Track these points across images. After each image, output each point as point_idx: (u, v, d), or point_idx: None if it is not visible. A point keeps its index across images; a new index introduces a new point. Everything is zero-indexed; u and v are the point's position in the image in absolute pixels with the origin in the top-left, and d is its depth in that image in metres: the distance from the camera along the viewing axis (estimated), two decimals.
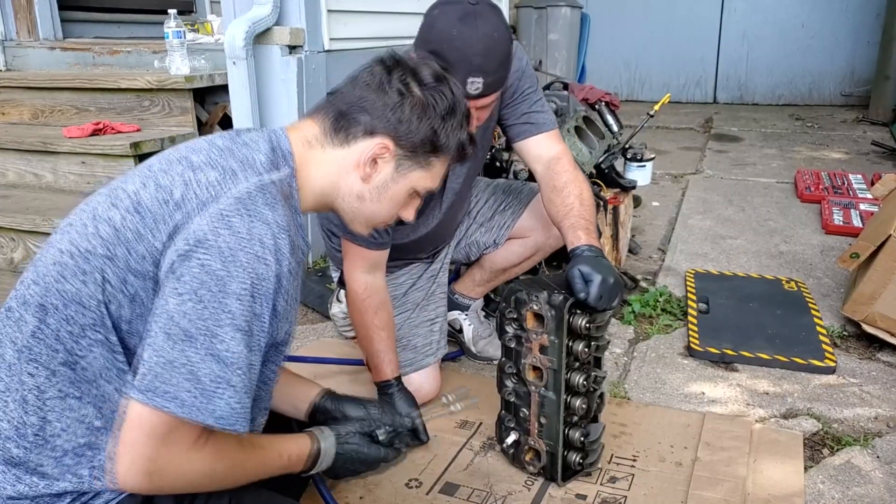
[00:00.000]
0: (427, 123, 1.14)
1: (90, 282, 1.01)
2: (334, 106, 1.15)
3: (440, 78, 1.17)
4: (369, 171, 1.15)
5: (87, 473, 1.04)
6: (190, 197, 0.99)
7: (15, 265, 2.34)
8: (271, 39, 2.42)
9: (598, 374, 1.61)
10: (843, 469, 1.71)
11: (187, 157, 1.06)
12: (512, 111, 1.86)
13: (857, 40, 6.28)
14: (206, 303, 0.93)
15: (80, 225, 1.06)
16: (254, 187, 1.01)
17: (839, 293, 2.62)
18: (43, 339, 1.02)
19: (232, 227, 0.95)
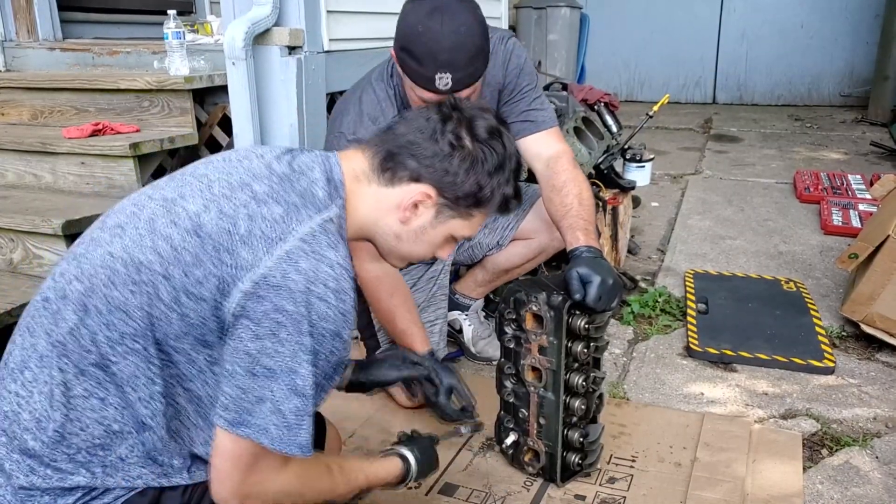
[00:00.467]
0: (473, 178, 1.15)
1: (140, 293, 1.01)
2: (385, 144, 1.16)
3: (494, 132, 1.17)
4: (408, 215, 1.16)
5: (99, 471, 1.06)
6: (256, 234, 1.00)
7: (14, 266, 2.34)
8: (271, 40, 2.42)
9: (597, 374, 1.61)
10: (842, 469, 1.71)
11: (249, 185, 1.06)
12: (511, 108, 1.84)
13: (856, 40, 6.29)
14: (285, 342, 0.98)
15: (135, 233, 1.05)
16: (317, 227, 1.04)
17: (838, 293, 2.62)
18: (79, 339, 1.03)
19: (300, 269, 0.99)
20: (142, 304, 1.01)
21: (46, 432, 1.04)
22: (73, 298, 1.04)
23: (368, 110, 1.72)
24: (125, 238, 1.05)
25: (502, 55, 1.80)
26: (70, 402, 1.04)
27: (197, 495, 1.10)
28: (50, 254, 2.27)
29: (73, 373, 1.04)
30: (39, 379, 1.05)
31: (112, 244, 1.05)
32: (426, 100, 1.58)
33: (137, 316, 1.01)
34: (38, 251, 2.29)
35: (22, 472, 1.04)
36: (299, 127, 2.48)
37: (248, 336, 0.99)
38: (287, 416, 1.01)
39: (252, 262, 0.99)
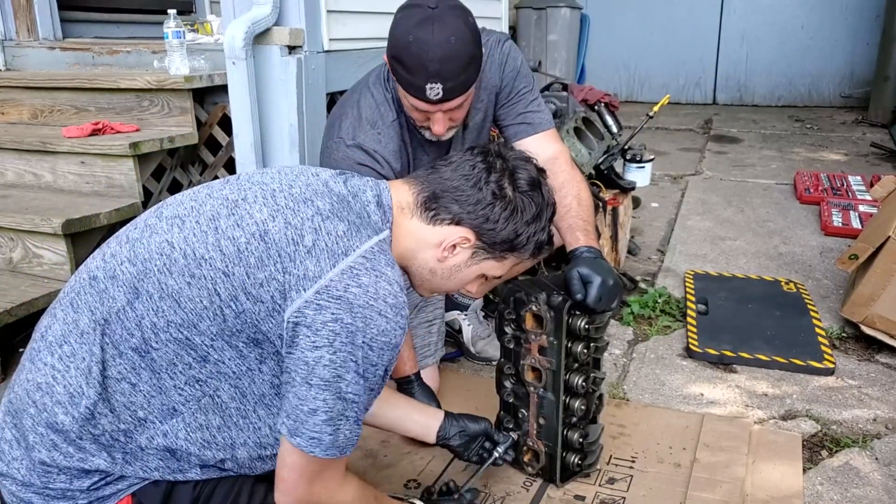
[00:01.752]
0: (512, 226, 1.20)
1: (196, 286, 1.05)
2: (431, 185, 1.21)
3: (534, 183, 1.23)
4: (446, 255, 1.21)
5: (119, 457, 1.08)
6: (321, 247, 1.06)
7: (14, 265, 2.33)
8: (271, 40, 2.41)
9: (596, 375, 1.61)
10: (842, 470, 1.71)
11: (313, 201, 1.11)
12: (508, 111, 1.84)
13: (856, 41, 6.29)
14: (339, 352, 1.04)
15: (196, 227, 1.09)
16: (376, 245, 1.10)
17: (838, 294, 2.62)
18: (124, 321, 1.06)
19: (361, 284, 1.05)
20: (195, 296, 1.05)
21: (78, 408, 1.06)
22: (123, 280, 1.08)
23: (367, 115, 1.71)
24: (185, 230, 1.09)
25: (499, 58, 1.80)
26: (105, 381, 1.07)
27: (208, 490, 1.14)
28: (50, 253, 2.27)
29: (111, 353, 1.07)
30: (78, 354, 1.07)
31: (171, 233, 1.09)
32: (418, 108, 1.59)
33: (188, 307, 1.05)
34: (37, 250, 2.29)
35: (45, 447, 1.07)
36: (299, 127, 2.48)
37: (307, 345, 1.04)
38: (336, 418, 1.06)
39: (317, 274, 1.04)
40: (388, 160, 1.69)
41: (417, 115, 1.64)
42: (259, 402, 1.11)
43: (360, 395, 1.07)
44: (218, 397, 1.10)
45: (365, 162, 1.67)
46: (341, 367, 1.04)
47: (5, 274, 2.34)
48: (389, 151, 1.69)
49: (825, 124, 5.78)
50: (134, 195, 2.44)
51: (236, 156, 2.51)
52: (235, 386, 1.10)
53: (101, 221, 2.30)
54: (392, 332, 1.06)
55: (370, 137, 1.69)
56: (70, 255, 2.24)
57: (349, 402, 1.06)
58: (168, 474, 1.11)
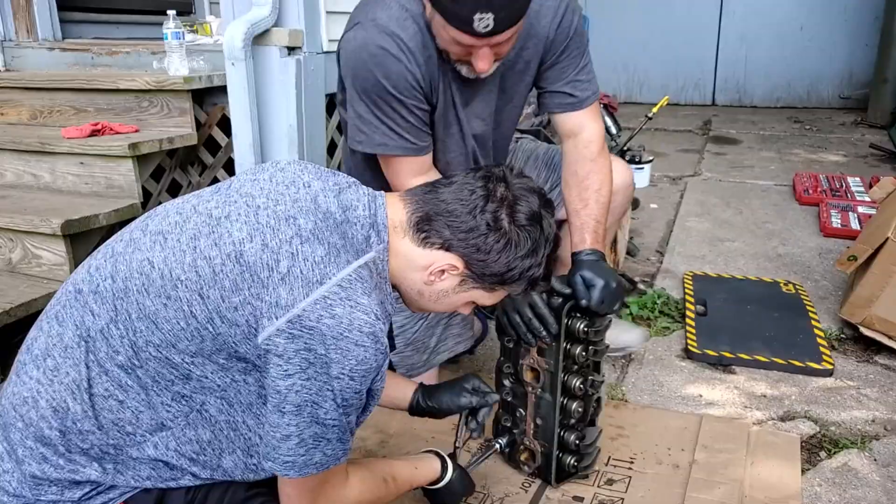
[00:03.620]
0: (504, 259, 1.15)
1: (172, 308, 1.03)
2: (426, 205, 1.16)
3: (534, 217, 1.16)
4: (433, 279, 1.17)
5: (110, 467, 1.08)
6: (296, 274, 1.01)
7: (13, 265, 2.33)
8: (270, 41, 2.42)
9: (595, 378, 1.61)
10: (840, 472, 1.71)
11: (295, 219, 1.06)
12: (554, 74, 1.67)
13: (855, 43, 6.29)
14: (312, 381, 1.01)
15: (177, 246, 1.06)
16: (353, 273, 1.05)
17: (837, 296, 2.62)
18: (108, 339, 1.05)
19: (335, 315, 1.01)
20: (172, 318, 1.03)
21: (64, 423, 1.06)
22: (105, 297, 1.06)
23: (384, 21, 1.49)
24: (166, 249, 1.06)
25: (554, 8, 1.61)
26: (91, 398, 1.05)
27: (200, 496, 1.13)
28: (49, 253, 2.27)
29: (97, 371, 1.05)
30: (62, 369, 1.06)
31: (152, 251, 1.06)
32: (460, 42, 1.39)
33: (166, 328, 1.03)
34: (37, 251, 2.29)
35: (35, 460, 1.06)
36: (298, 127, 2.48)
37: (278, 374, 1.02)
38: (307, 442, 1.05)
39: (289, 303, 1.00)
40: (415, 53, 1.49)
41: (457, 50, 1.45)
42: (247, 412, 1.10)
43: (341, 418, 1.05)
44: (206, 411, 1.08)
45: (386, 45, 1.47)
46: (317, 394, 1.02)
47: (4, 274, 2.34)
48: (417, 45, 1.49)
49: (824, 125, 5.79)
50: (133, 196, 2.44)
51: (235, 156, 2.52)
52: (222, 398, 1.08)
53: (101, 222, 2.30)
54: (371, 359, 1.04)
55: (394, 23, 1.48)
56: (69, 256, 2.24)
57: (329, 426, 1.05)
58: (160, 482, 1.10)
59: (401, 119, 1.56)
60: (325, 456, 1.07)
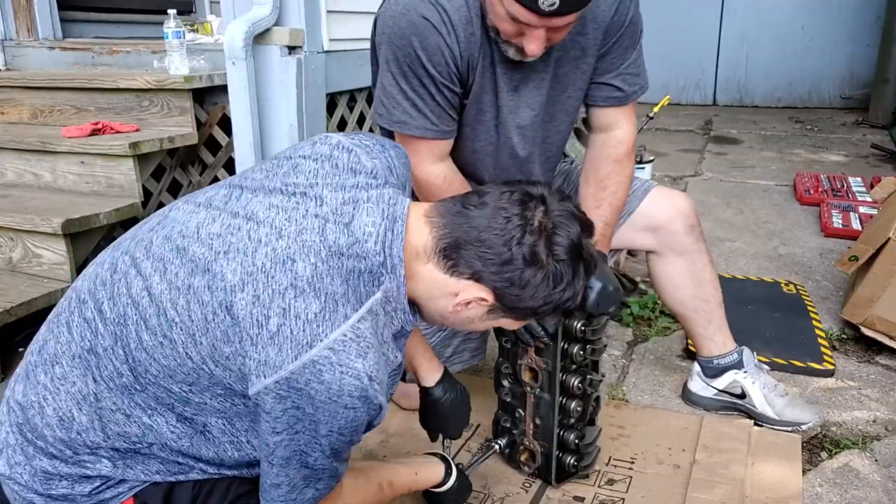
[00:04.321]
0: (541, 294, 1.06)
1: (169, 347, 1.01)
2: (455, 230, 1.05)
3: (574, 249, 1.06)
4: (459, 309, 1.09)
5: (120, 463, 1.09)
6: (286, 333, 0.96)
7: (14, 265, 2.33)
8: (271, 40, 2.42)
9: (593, 377, 1.60)
10: (841, 472, 1.71)
11: (294, 262, 0.98)
12: (605, 65, 1.60)
13: (856, 43, 6.28)
14: (301, 435, 1.00)
15: (174, 280, 1.01)
16: (350, 331, 0.98)
17: (838, 296, 2.62)
18: (112, 360, 1.05)
19: (323, 381, 0.96)
20: (169, 355, 1.02)
21: (70, 433, 1.06)
22: (108, 320, 1.05)
23: None
24: (164, 280, 1.02)
25: None
26: (98, 411, 1.05)
27: (207, 488, 1.13)
28: (49, 253, 2.27)
29: (105, 386, 1.05)
30: (69, 378, 1.06)
31: (151, 280, 1.03)
32: (518, 18, 1.31)
33: (163, 363, 1.02)
34: (37, 250, 2.29)
35: (45, 457, 1.07)
36: (299, 127, 2.48)
37: (267, 428, 1.00)
38: (297, 486, 1.05)
39: (277, 363, 0.96)
40: (457, 28, 1.41)
41: (509, 28, 1.36)
42: (250, 431, 1.09)
43: (331, 464, 1.05)
44: (209, 433, 1.08)
45: (428, 15, 1.40)
46: (306, 446, 1.01)
47: (5, 274, 2.34)
48: (460, 19, 1.41)
49: (825, 126, 5.78)
50: (134, 195, 2.44)
51: (236, 156, 2.52)
52: (224, 418, 1.07)
53: (101, 221, 2.30)
54: (363, 417, 1.00)
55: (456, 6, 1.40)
56: (70, 255, 2.24)
57: (319, 470, 1.04)
58: (169, 476, 1.11)
59: (428, 97, 1.49)
60: (318, 491, 1.08)
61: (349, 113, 3.04)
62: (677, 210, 1.80)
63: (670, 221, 1.79)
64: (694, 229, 1.82)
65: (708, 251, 1.87)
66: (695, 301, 1.87)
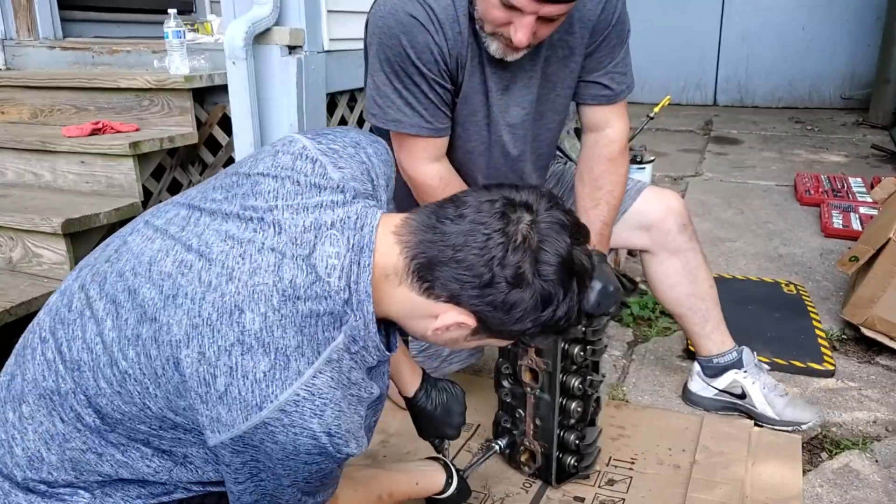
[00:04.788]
0: (528, 318, 0.95)
1: (126, 398, 0.97)
2: (429, 250, 0.95)
3: (564, 265, 0.94)
4: (439, 333, 1.00)
5: (98, 491, 1.05)
6: (234, 394, 0.90)
7: (13, 264, 2.33)
8: (271, 40, 2.42)
9: (594, 377, 1.60)
10: (842, 473, 1.71)
11: (242, 314, 0.90)
12: (592, 64, 1.60)
13: (857, 43, 6.28)
14: (266, 483, 0.96)
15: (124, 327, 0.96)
16: (302, 389, 0.90)
17: (838, 296, 2.61)
18: (76, 403, 1.00)
19: (277, 441, 0.91)
20: (127, 403, 0.97)
21: (40, 473, 1.02)
22: (68, 361, 0.99)
23: None
24: (115, 328, 0.96)
25: None
26: (66, 453, 1.01)
27: None
28: (49, 252, 2.27)
29: (73, 426, 1.00)
30: (36, 417, 1.02)
31: (103, 325, 0.97)
32: (511, 4, 1.31)
33: (124, 410, 0.98)
34: (37, 250, 2.29)
35: (21, 491, 1.04)
36: (299, 127, 2.48)
37: (230, 479, 0.97)
38: None
39: (229, 423, 0.91)
40: (444, 26, 1.43)
41: (498, 15, 1.35)
42: None
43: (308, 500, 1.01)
44: (190, 463, 1.03)
45: (415, 13, 1.41)
46: (275, 491, 0.96)
47: (5, 273, 2.34)
48: (447, 17, 1.43)
49: (826, 126, 5.78)
50: (134, 195, 2.44)
51: (236, 156, 2.52)
52: (204, 447, 1.01)
53: (101, 221, 2.30)
54: (328, 465, 0.95)
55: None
56: (70, 255, 2.24)
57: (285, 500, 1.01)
58: (151, 499, 1.07)
59: (420, 94, 1.49)
60: None
61: (349, 113, 3.04)
62: (669, 209, 1.81)
63: (663, 220, 1.80)
64: (686, 228, 1.83)
65: (702, 250, 1.88)
66: (691, 299, 1.88)
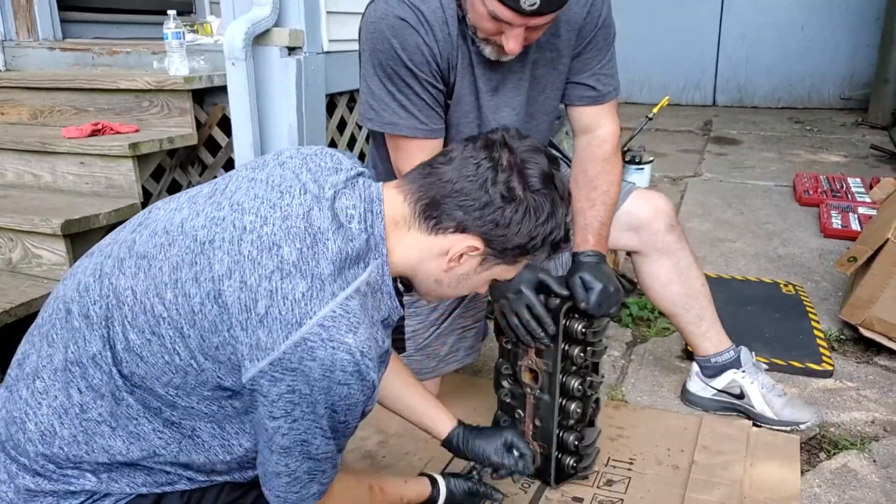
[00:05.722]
0: (525, 230, 1.08)
1: (157, 344, 1.00)
2: (429, 189, 1.08)
3: (547, 179, 1.09)
4: (452, 265, 1.11)
5: (105, 476, 1.07)
6: (274, 315, 0.96)
7: (13, 265, 2.33)
8: (270, 41, 2.42)
9: (594, 378, 1.60)
10: (840, 473, 1.71)
11: (279, 248, 0.99)
12: (579, 65, 1.63)
13: (856, 43, 6.29)
14: (299, 422, 1.00)
15: (159, 276, 1.01)
16: (338, 307, 0.98)
17: (837, 297, 2.62)
18: (101, 366, 1.03)
19: (316, 357, 0.96)
20: (157, 353, 1.01)
21: (51, 448, 1.04)
22: (95, 323, 1.03)
23: None
24: (149, 278, 1.02)
25: None
26: (83, 424, 1.04)
27: (196, 497, 1.12)
28: (49, 253, 2.27)
29: (91, 396, 1.03)
30: (50, 392, 1.04)
31: (136, 279, 1.02)
32: (498, 16, 1.33)
33: (151, 362, 1.01)
34: (37, 251, 2.29)
35: (28, 474, 1.06)
36: (298, 128, 2.48)
37: (265, 413, 1.00)
38: (301, 479, 1.05)
39: (269, 346, 0.96)
40: (433, 28, 1.45)
41: (489, 26, 1.38)
42: (240, 432, 1.08)
43: (331, 449, 1.05)
44: (198, 437, 1.07)
45: (405, 16, 1.44)
46: (306, 433, 1.01)
47: (4, 274, 2.34)
48: (436, 20, 1.45)
49: (825, 126, 5.78)
50: (133, 196, 2.44)
51: (236, 157, 2.52)
52: (213, 422, 1.06)
53: (101, 222, 2.30)
54: (358, 394, 1.00)
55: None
56: (69, 256, 2.24)
57: (322, 459, 1.05)
58: (156, 487, 1.10)
59: (414, 96, 1.51)
60: (322, 485, 1.08)
61: (349, 113, 3.04)
62: (657, 210, 1.83)
63: (651, 220, 1.82)
64: (674, 228, 1.85)
65: (691, 251, 1.89)
66: (683, 298, 1.89)
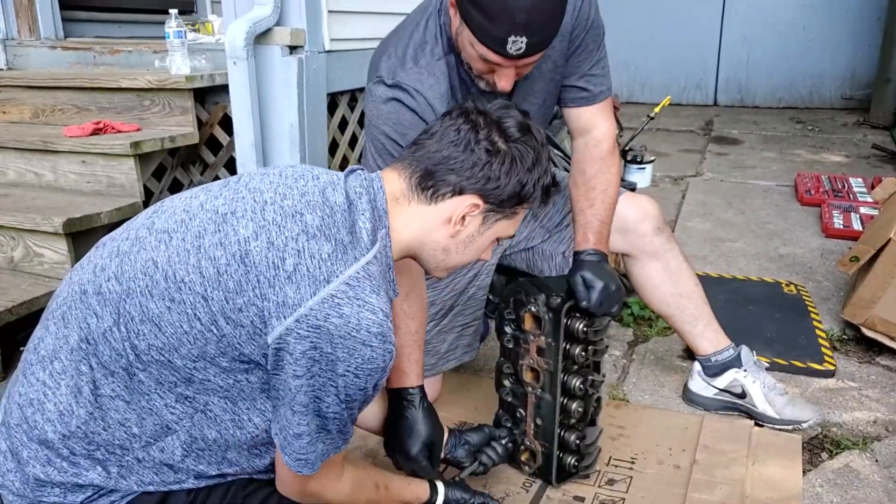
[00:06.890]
0: (515, 178, 1.15)
1: (176, 311, 1.02)
2: (420, 163, 1.15)
3: (524, 128, 1.17)
4: (458, 228, 1.16)
5: (114, 471, 1.08)
6: (303, 272, 1.01)
7: (15, 264, 2.34)
8: (272, 40, 2.42)
9: (595, 378, 1.60)
10: (842, 472, 1.71)
11: (303, 215, 1.05)
12: (569, 69, 1.65)
13: (857, 43, 6.28)
14: (317, 377, 1.02)
15: (181, 245, 1.04)
16: (361, 270, 1.04)
17: (839, 297, 2.62)
18: (111, 341, 1.05)
19: (343, 314, 1.00)
20: (175, 321, 1.02)
21: (69, 427, 1.05)
22: (109, 299, 1.05)
23: (411, 51, 1.54)
24: (170, 248, 1.04)
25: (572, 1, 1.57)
26: (97, 400, 1.05)
27: (202, 496, 1.13)
28: (51, 252, 2.27)
29: (102, 372, 1.05)
30: (68, 371, 1.06)
31: (157, 251, 1.05)
32: (487, 59, 1.39)
33: (169, 332, 1.02)
34: (38, 249, 2.29)
35: (39, 462, 1.06)
36: (300, 127, 2.49)
37: (290, 372, 1.02)
38: (321, 440, 1.08)
39: (296, 301, 0.99)
40: (433, 104, 1.52)
41: (481, 66, 1.44)
42: (252, 409, 1.10)
43: (342, 412, 1.07)
44: (210, 412, 1.08)
45: (406, 101, 1.51)
46: (320, 390, 1.02)
47: (6, 273, 2.34)
48: (435, 94, 1.53)
49: (826, 126, 5.78)
50: (135, 195, 2.44)
51: (237, 156, 2.52)
52: (226, 398, 1.08)
53: (102, 221, 2.30)
54: (378, 359, 1.03)
55: (411, 76, 1.52)
56: (71, 255, 2.25)
57: (330, 419, 1.06)
58: (163, 486, 1.10)
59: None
60: (325, 446, 1.09)
61: (350, 113, 3.04)
62: (644, 213, 1.86)
63: (638, 223, 1.85)
64: (662, 231, 1.87)
65: (681, 252, 1.91)
66: (676, 299, 1.90)
